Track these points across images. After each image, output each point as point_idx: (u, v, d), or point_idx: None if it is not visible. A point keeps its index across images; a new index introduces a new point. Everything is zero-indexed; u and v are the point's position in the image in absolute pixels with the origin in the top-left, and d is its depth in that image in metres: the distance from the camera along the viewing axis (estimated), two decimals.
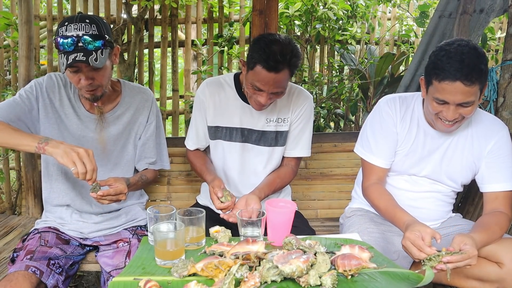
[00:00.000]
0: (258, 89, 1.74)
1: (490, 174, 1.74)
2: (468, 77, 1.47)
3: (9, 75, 3.92)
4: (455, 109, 1.55)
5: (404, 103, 1.80)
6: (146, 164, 1.97)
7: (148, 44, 3.59)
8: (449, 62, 1.50)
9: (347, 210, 2.07)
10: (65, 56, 1.58)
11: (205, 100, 1.96)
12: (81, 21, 1.60)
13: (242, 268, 1.19)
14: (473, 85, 1.48)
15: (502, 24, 4.02)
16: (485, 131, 1.75)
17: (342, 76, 3.75)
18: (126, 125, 1.90)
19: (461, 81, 1.48)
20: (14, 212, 3.02)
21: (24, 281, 1.52)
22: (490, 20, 2.60)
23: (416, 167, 1.81)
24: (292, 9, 3.34)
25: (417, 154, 1.79)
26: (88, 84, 1.65)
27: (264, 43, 1.69)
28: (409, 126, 1.78)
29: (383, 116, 1.80)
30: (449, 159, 1.77)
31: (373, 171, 1.83)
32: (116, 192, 1.63)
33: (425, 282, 1.19)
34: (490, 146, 1.74)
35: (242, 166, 1.98)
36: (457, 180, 1.81)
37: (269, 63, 1.66)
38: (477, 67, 1.48)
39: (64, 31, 1.59)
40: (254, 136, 1.95)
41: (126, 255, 1.74)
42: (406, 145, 1.79)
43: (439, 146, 1.77)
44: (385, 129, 1.80)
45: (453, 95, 1.51)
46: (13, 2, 3.70)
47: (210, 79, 2.02)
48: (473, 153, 1.76)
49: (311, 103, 2.00)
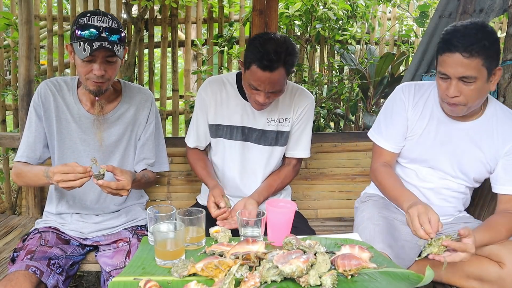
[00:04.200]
0: (255, 88, 1.74)
1: (506, 176, 1.72)
2: (468, 49, 1.47)
3: (9, 75, 3.93)
4: (456, 85, 1.54)
5: (420, 90, 1.81)
6: (144, 165, 1.95)
7: (148, 44, 3.59)
8: (451, 35, 1.53)
9: (363, 194, 2.09)
10: (87, 43, 1.60)
11: (206, 99, 1.97)
12: (103, 15, 1.65)
13: (242, 268, 1.19)
14: (472, 58, 1.48)
15: (502, 24, 4.02)
16: (508, 130, 1.71)
17: (342, 76, 3.75)
18: (127, 125, 1.89)
19: (459, 52, 1.49)
20: (14, 212, 3.02)
21: (24, 281, 1.52)
22: (490, 20, 2.60)
23: (428, 155, 1.79)
24: (292, 9, 3.34)
25: (428, 141, 1.78)
26: (100, 75, 1.66)
27: (259, 43, 1.69)
28: (421, 112, 1.78)
29: (396, 101, 1.83)
30: (462, 150, 1.74)
31: (382, 154, 1.86)
32: (118, 187, 1.60)
33: (425, 282, 1.19)
34: (508, 147, 1.70)
35: (242, 165, 1.98)
36: (469, 174, 1.78)
37: (263, 63, 1.66)
38: (480, 42, 1.48)
39: (87, 21, 1.62)
40: (255, 135, 1.95)
41: (126, 255, 1.74)
42: (417, 130, 1.79)
43: (453, 136, 1.75)
44: (395, 113, 1.82)
45: (453, 67, 1.51)
46: (13, 2, 3.70)
47: (212, 78, 2.03)
48: (490, 150, 1.73)
49: (312, 104, 2.00)
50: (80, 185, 1.56)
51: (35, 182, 1.75)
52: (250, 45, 1.73)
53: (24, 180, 1.80)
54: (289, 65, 1.72)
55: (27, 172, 1.76)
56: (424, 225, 1.41)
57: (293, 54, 1.71)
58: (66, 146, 1.83)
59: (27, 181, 1.80)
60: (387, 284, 1.19)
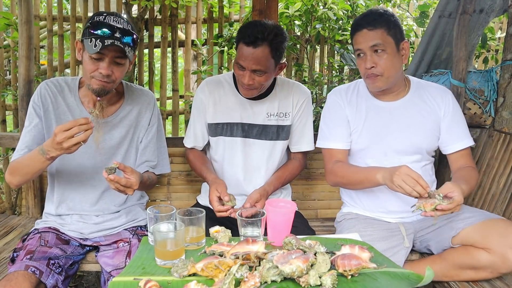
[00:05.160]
0: (240, 67, 1.78)
1: (450, 136, 1.90)
2: (371, 23, 1.75)
3: (9, 75, 3.93)
4: (371, 56, 1.77)
5: (348, 89, 1.99)
6: (146, 167, 1.94)
7: (148, 44, 3.59)
8: (359, 18, 1.82)
9: (338, 215, 2.12)
10: (99, 39, 1.59)
11: (204, 99, 1.98)
12: (119, 17, 1.66)
13: (242, 268, 1.19)
14: (376, 30, 1.75)
15: (502, 24, 4.02)
16: (437, 95, 1.92)
17: (342, 76, 3.75)
18: (129, 128, 1.88)
19: (365, 28, 1.76)
20: (14, 212, 3.02)
21: (24, 281, 1.52)
22: (490, 20, 2.60)
23: (378, 139, 1.89)
24: (292, 9, 3.34)
25: (374, 127, 1.90)
26: (106, 75, 1.64)
27: (248, 23, 1.81)
28: (356, 105, 1.94)
29: (330, 104, 1.99)
30: (407, 125, 1.88)
31: (333, 155, 1.95)
32: (127, 184, 1.59)
33: (425, 282, 1.19)
34: (443, 110, 1.90)
35: (244, 162, 1.99)
36: (421, 145, 1.90)
37: (247, 38, 1.74)
38: (381, 17, 1.76)
39: (103, 19, 1.62)
40: (255, 130, 1.96)
41: (126, 255, 1.74)
42: (359, 121, 1.91)
43: (394, 115, 1.88)
44: (333, 114, 1.96)
45: (363, 41, 1.77)
46: (13, 2, 3.70)
47: (209, 78, 2.05)
48: (430, 116, 1.90)
49: (310, 98, 2.05)
50: (85, 139, 1.51)
51: (31, 168, 1.66)
52: (239, 29, 1.82)
53: (18, 172, 1.70)
54: (275, 46, 1.76)
55: (22, 160, 1.70)
56: (415, 187, 1.53)
57: (280, 36, 1.77)
58: None
59: (21, 171, 1.69)
60: (387, 284, 1.19)
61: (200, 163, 2.02)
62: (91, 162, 1.83)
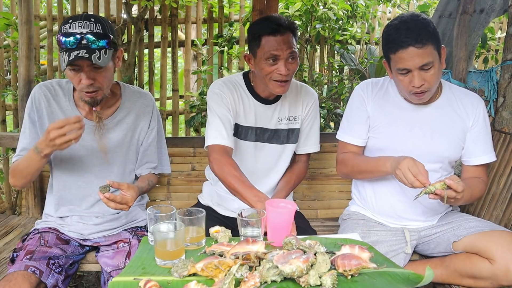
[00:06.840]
0: (274, 58, 1.75)
1: (476, 148, 1.83)
2: (418, 40, 1.59)
3: (9, 75, 3.93)
4: (419, 74, 1.64)
5: (376, 85, 1.92)
6: (147, 169, 1.94)
7: (148, 44, 3.59)
8: (396, 33, 1.63)
9: (345, 212, 2.10)
10: (67, 53, 1.54)
11: (225, 96, 1.87)
12: (86, 19, 1.57)
13: (242, 268, 1.18)
14: (425, 47, 1.60)
15: (502, 24, 4.03)
16: (468, 104, 1.83)
17: (342, 76, 3.75)
18: (127, 131, 1.86)
19: (412, 45, 1.60)
20: (14, 212, 3.02)
21: (24, 281, 1.52)
22: (490, 20, 2.61)
23: (399, 141, 1.83)
24: (292, 9, 3.34)
25: (397, 130, 1.84)
26: (89, 85, 1.61)
27: (259, 20, 1.84)
28: (382, 103, 1.87)
29: (355, 98, 1.93)
30: (432, 131, 1.82)
31: (346, 148, 1.94)
32: (122, 201, 1.59)
33: (425, 282, 1.19)
34: (472, 120, 1.82)
35: (254, 165, 1.96)
36: (443, 153, 1.83)
37: (272, 27, 1.73)
38: (424, 29, 1.61)
39: (68, 28, 1.56)
40: (267, 134, 1.95)
41: (126, 255, 1.74)
42: (381, 119, 1.86)
43: (420, 120, 1.82)
44: (355, 109, 1.91)
45: (411, 60, 1.62)
46: (13, 2, 3.70)
47: (223, 79, 1.96)
48: (458, 125, 1.82)
49: (317, 100, 2.04)
50: (77, 138, 1.51)
51: (30, 168, 1.67)
52: (252, 28, 1.83)
53: (20, 174, 1.71)
54: (295, 32, 1.79)
55: (21, 163, 1.70)
56: (417, 176, 1.52)
57: (294, 24, 1.80)
58: (63, 152, 1.76)
59: (22, 173, 1.70)
60: (387, 284, 1.19)
61: (236, 177, 1.70)
62: (90, 164, 1.83)
